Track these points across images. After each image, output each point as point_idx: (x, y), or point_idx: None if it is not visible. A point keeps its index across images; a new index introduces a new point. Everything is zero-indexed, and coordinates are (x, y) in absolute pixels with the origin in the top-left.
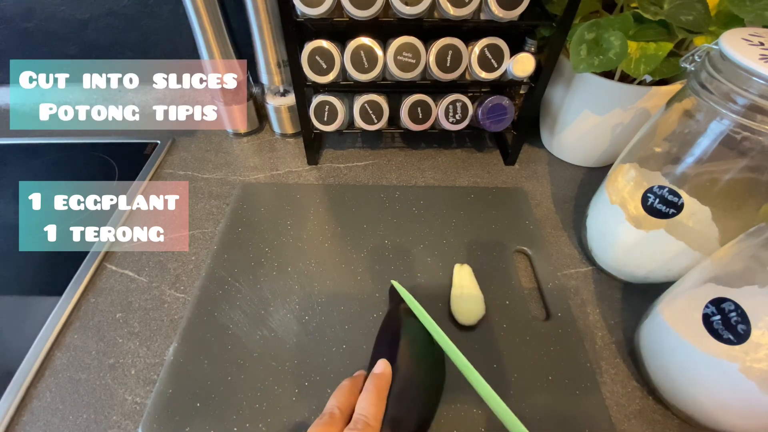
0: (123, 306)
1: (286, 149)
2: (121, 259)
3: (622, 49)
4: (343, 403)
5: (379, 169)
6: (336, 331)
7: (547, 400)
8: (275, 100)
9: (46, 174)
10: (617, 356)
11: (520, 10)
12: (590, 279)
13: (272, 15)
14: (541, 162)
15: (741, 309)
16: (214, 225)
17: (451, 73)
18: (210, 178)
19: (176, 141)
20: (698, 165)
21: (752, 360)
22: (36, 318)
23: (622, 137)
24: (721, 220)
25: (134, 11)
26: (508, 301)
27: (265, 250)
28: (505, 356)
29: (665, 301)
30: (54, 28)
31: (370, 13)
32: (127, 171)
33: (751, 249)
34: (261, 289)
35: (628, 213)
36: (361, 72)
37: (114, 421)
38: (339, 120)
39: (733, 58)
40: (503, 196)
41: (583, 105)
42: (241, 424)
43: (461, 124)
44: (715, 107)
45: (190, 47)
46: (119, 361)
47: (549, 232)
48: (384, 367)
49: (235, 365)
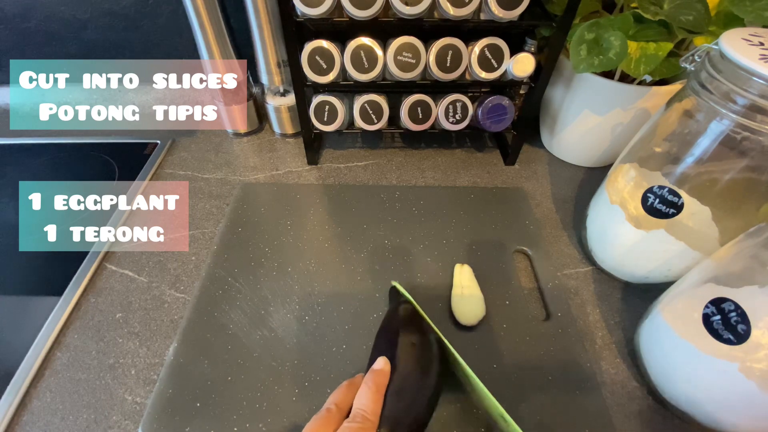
0: (123, 306)
1: (286, 149)
2: (121, 259)
3: (622, 49)
4: (341, 400)
5: (379, 169)
6: (336, 331)
7: (547, 400)
8: (275, 100)
9: (46, 174)
10: (617, 356)
11: (520, 10)
12: (590, 279)
13: (272, 15)
14: (541, 162)
15: (741, 309)
16: (214, 225)
17: (451, 73)
18: (210, 178)
19: (176, 141)
20: (698, 165)
21: (752, 360)
22: (36, 318)
23: (622, 137)
24: (721, 220)
25: (134, 11)
26: (508, 301)
27: (265, 250)
28: (505, 356)
29: (665, 301)
30: (54, 28)
31: (370, 13)
32: (127, 171)
33: (751, 249)
34: (261, 289)
35: (628, 213)
36: (361, 72)
37: (114, 421)
38: (339, 120)
39: (733, 58)
40: (503, 196)
41: (583, 105)
42: (241, 424)
43: (461, 124)
44: (715, 107)
45: (190, 47)
46: (119, 361)
47: (549, 232)
48: (383, 364)
49: (235, 365)
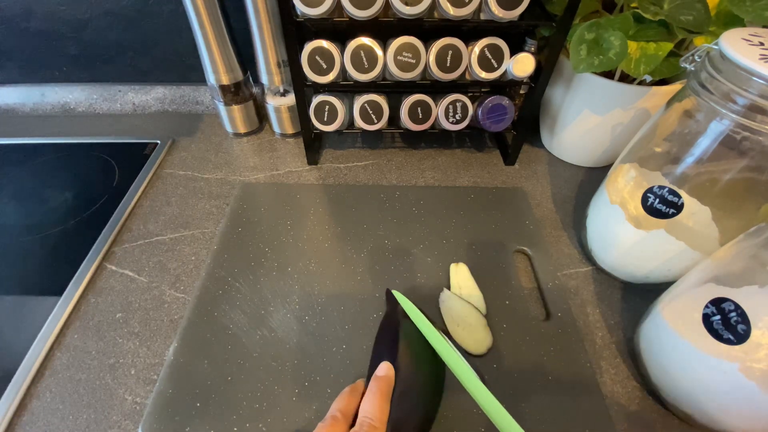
0: (123, 306)
1: (286, 149)
2: (121, 259)
3: (622, 49)
4: (345, 406)
5: (379, 169)
6: (336, 331)
7: (547, 400)
8: (275, 100)
9: (46, 174)
10: (617, 356)
11: (520, 10)
12: (590, 279)
13: (272, 15)
14: (541, 162)
15: (741, 309)
16: (214, 225)
17: (451, 73)
18: (210, 178)
19: (176, 141)
20: (698, 165)
21: (752, 360)
22: (36, 318)
23: (622, 137)
24: (721, 220)
25: (134, 11)
26: (508, 301)
27: (265, 250)
28: (505, 356)
29: (665, 301)
30: (54, 28)
31: (370, 13)
32: (127, 171)
33: (751, 249)
34: (261, 289)
35: (628, 213)
36: (361, 72)
37: (114, 421)
38: (339, 120)
39: (733, 58)
40: (503, 196)
41: (583, 105)
42: (241, 424)
43: (461, 124)
44: (715, 107)
45: (190, 47)
46: (119, 361)
47: (549, 232)
48: (387, 370)
49: (235, 365)
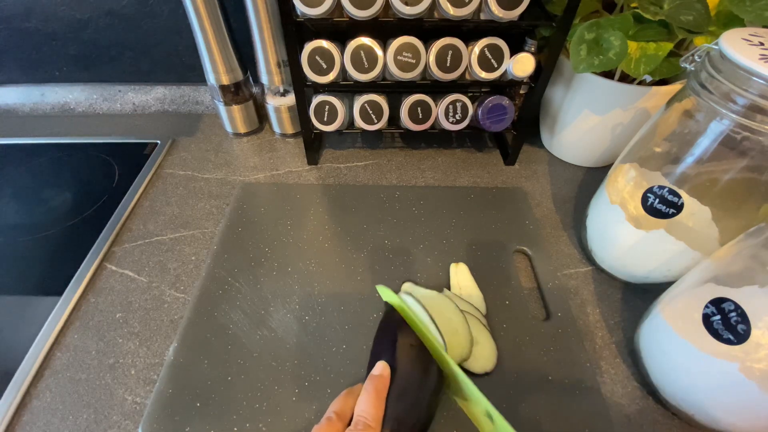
0: (123, 306)
1: (286, 149)
2: (121, 259)
3: (622, 49)
4: (341, 408)
5: (379, 169)
6: (336, 331)
7: (547, 400)
8: (275, 100)
9: (46, 174)
10: (617, 356)
11: (520, 10)
12: (590, 279)
13: (272, 15)
14: (541, 162)
15: (741, 309)
16: (214, 225)
17: (451, 73)
18: (210, 178)
19: (176, 141)
20: (698, 165)
21: (752, 360)
22: (36, 318)
23: (622, 137)
24: (721, 220)
25: (134, 11)
26: (508, 301)
27: (265, 250)
28: (504, 356)
29: (665, 301)
30: (54, 28)
31: (370, 13)
32: (127, 171)
33: (751, 249)
34: (261, 289)
35: (628, 213)
36: (361, 72)
37: (114, 421)
38: (339, 120)
39: (733, 58)
40: (503, 196)
41: (583, 105)
42: (241, 424)
43: (461, 124)
44: (715, 107)
45: (190, 47)
46: (119, 361)
47: (549, 232)
48: (382, 369)
49: (235, 365)
